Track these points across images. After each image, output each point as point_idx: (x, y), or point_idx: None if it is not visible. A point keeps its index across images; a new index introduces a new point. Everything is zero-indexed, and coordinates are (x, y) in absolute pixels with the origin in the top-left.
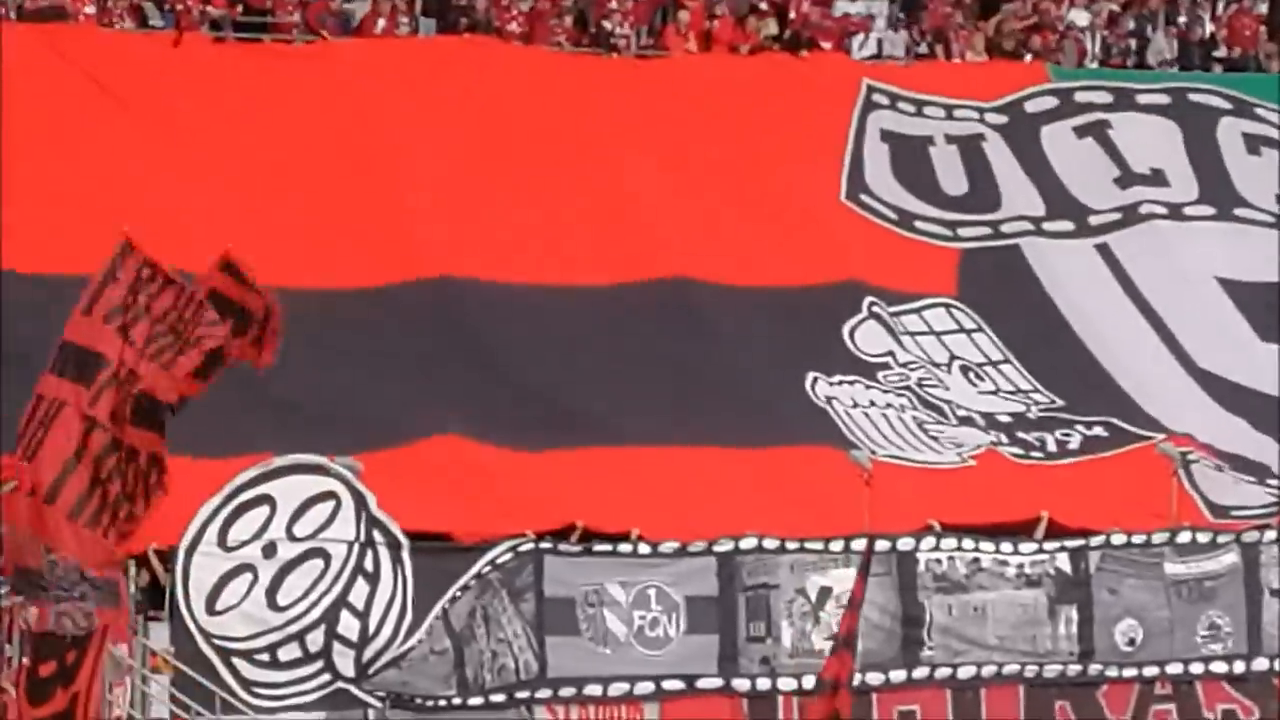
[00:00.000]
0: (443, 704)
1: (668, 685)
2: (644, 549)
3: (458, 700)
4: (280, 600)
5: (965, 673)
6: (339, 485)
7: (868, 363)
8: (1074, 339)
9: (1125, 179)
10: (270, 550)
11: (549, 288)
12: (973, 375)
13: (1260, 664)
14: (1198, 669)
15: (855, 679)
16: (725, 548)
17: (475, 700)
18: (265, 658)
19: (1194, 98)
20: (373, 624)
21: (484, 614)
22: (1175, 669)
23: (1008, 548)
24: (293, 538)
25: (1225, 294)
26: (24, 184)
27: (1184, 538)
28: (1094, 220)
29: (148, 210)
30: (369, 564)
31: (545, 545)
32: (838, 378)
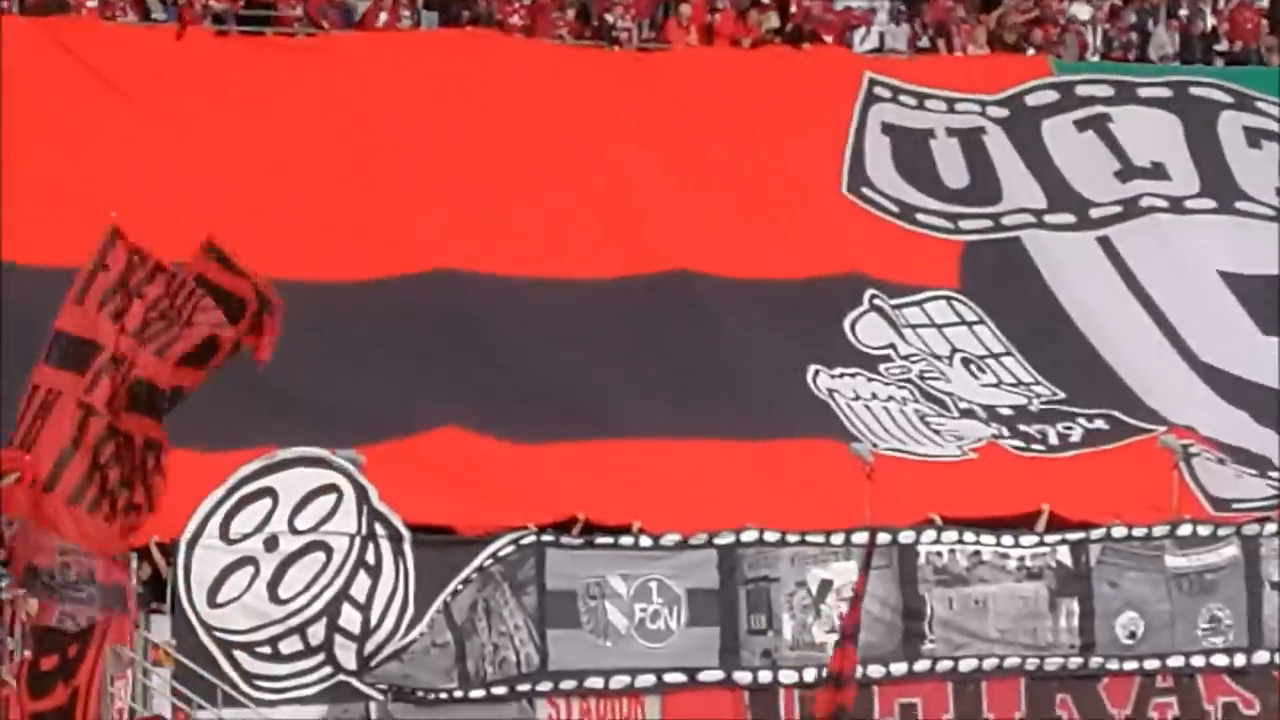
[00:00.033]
0: (444, 697)
1: (669, 678)
2: (645, 542)
3: (459, 693)
4: (282, 593)
5: (966, 666)
6: (341, 478)
7: (869, 355)
8: (1075, 332)
9: (1126, 172)
10: (272, 543)
11: (550, 281)
12: (974, 368)
13: (1261, 657)
14: (1199, 662)
15: (857, 672)
16: (726, 540)
17: (477, 693)
18: (267, 650)
19: (1195, 91)
20: (374, 617)
21: (485, 607)
22: (1176, 662)
23: (1009, 541)
24: (294, 531)
25: (1226, 287)
26: (25, 176)
27: (1185, 530)
28: (1095, 213)
29: (149, 202)
30: (370, 557)
31: (547, 538)
32: (839, 370)
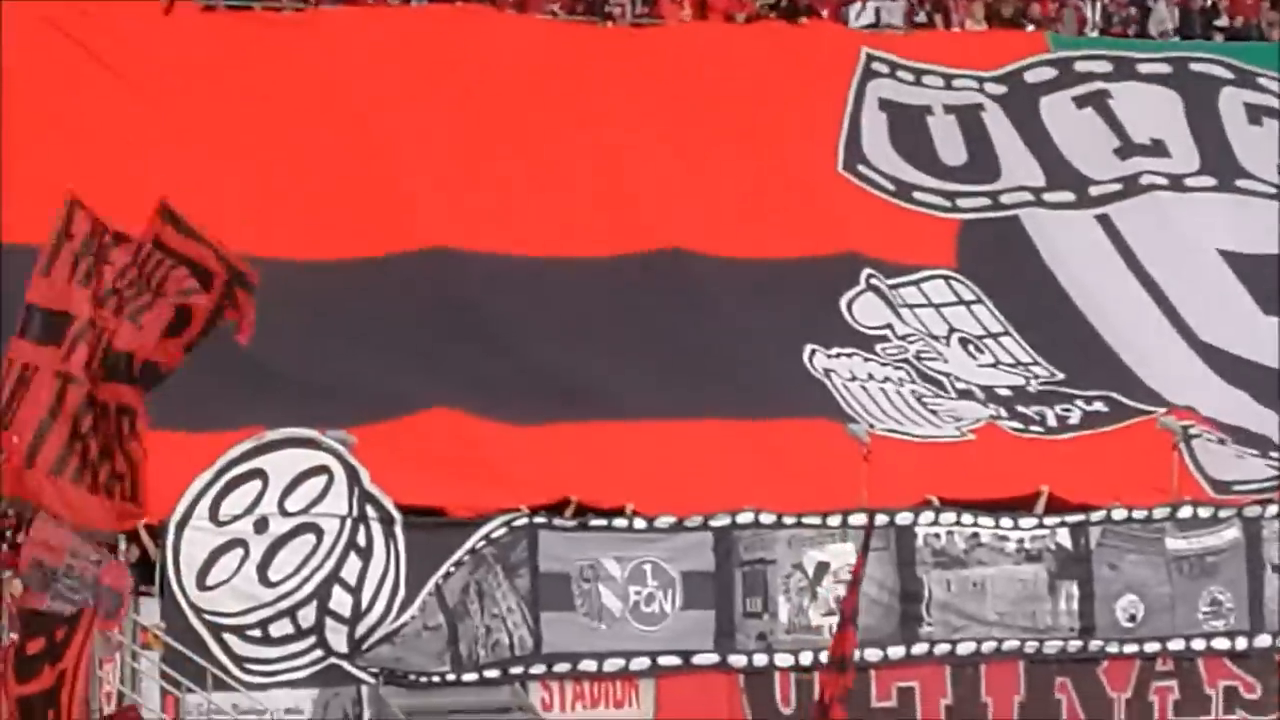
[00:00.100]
0: (436, 680)
1: (664, 661)
2: (639, 524)
3: (451, 676)
4: (272, 576)
5: (965, 649)
6: (331, 459)
7: (866, 335)
8: (1074, 311)
9: (1126, 149)
10: (262, 525)
11: (544, 259)
12: (972, 348)
13: (1262, 640)
14: (1199, 645)
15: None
16: (722, 522)
17: (469, 676)
18: (257, 633)
19: (1195, 67)
20: (365, 599)
21: (478, 589)
22: (1177, 645)
23: (1007, 523)
24: (285, 513)
25: (1227, 266)
26: (17, 155)
27: (1185, 513)
28: (1094, 191)
29: (138, 180)
30: (362, 539)
31: (540, 520)
32: (835, 350)
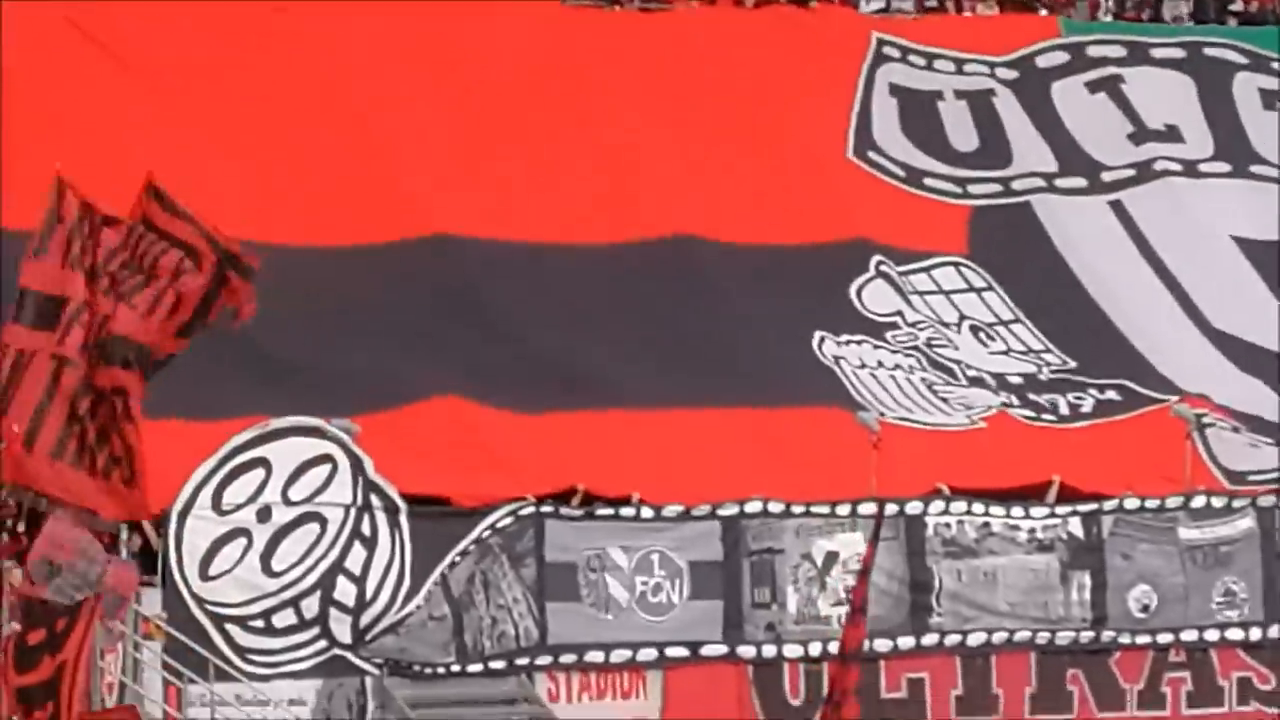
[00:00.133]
0: (441, 671)
1: (671, 652)
2: (646, 513)
3: (457, 667)
4: (275, 565)
5: (975, 640)
6: (335, 448)
7: (876, 322)
8: (1086, 298)
9: (1139, 135)
10: (265, 514)
11: (549, 246)
12: (983, 335)
13: (1277, 631)
14: (1213, 636)
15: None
16: (729, 512)
17: (474, 667)
18: (260, 624)
19: (1209, 52)
20: (370, 590)
21: (483, 579)
22: (1190, 636)
23: (1019, 512)
24: (288, 502)
25: (1241, 253)
26: (18, 141)
27: (1199, 502)
28: (1107, 177)
29: (139, 166)
30: (366, 528)
31: (546, 509)
32: (845, 337)
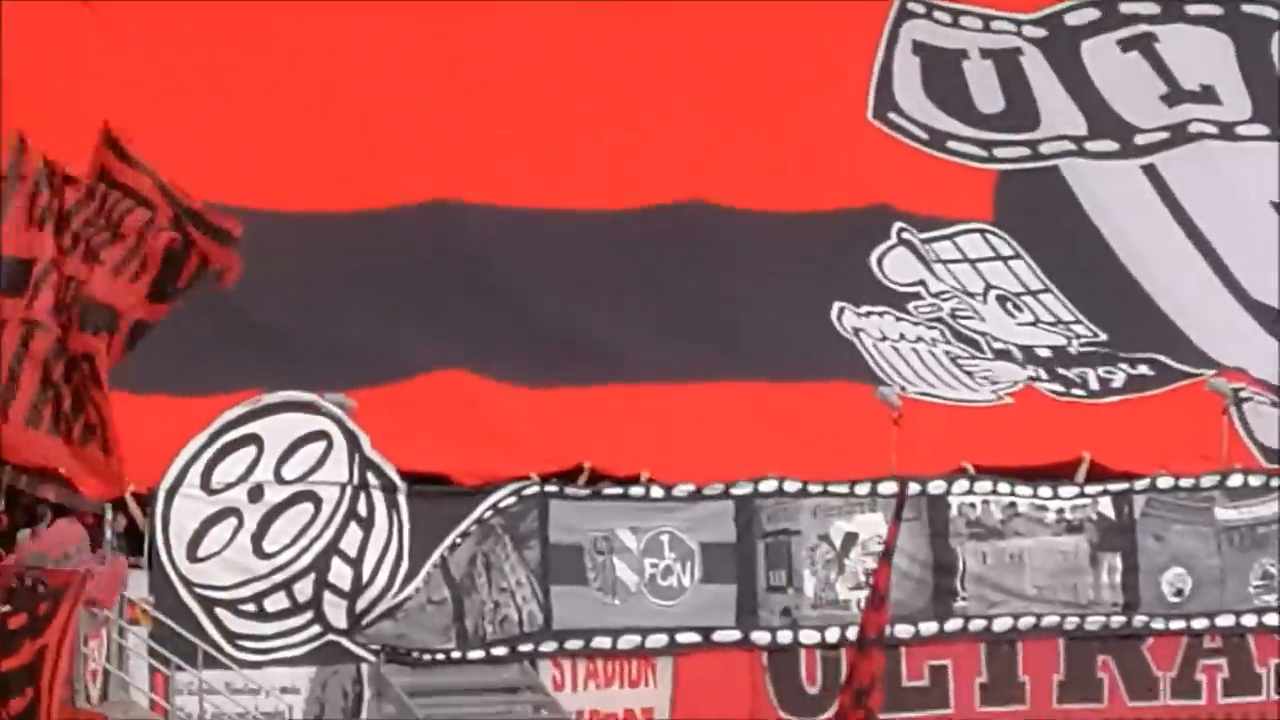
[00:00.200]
0: (441, 657)
1: (682, 638)
2: (656, 492)
3: (457, 654)
4: (267, 547)
5: (1001, 625)
6: (330, 424)
7: (897, 292)
8: (1118, 267)
9: (1173, 96)
10: (257, 493)
11: (555, 212)
12: (1010, 305)
13: None
14: (1250, 621)
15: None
16: (743, 491)
17: (476, 653)
18: (251, 608)
19: (1247, 8)
20: (366, 572)
21: (485, 562)
22: (1226, 621)
23: (1046, 491)
24: (281, 480)
25: (1279, 219)
26: (13, 108)
27: (1235, 481)
28: (1140, 140)
29: (133, 131)
30: (362, 508)
31: (551, 488)
32: (865, 308)
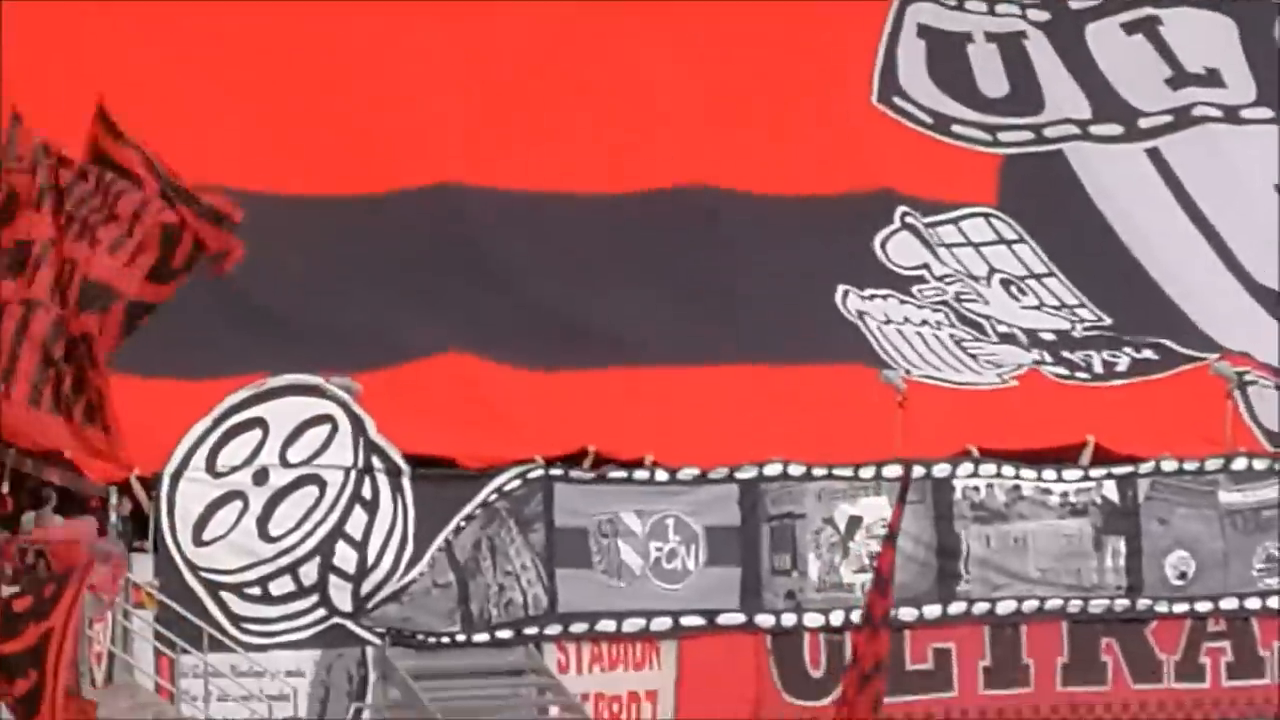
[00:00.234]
0: (445, 641)
1: (686, 621)
2: (661, 476)
3: (462, 637)
4: (272, 530)
5: (1005, 608)
6: (335, 408)
7: (901, 276)
8: (1122, 251)
9: (1177, 79)
10: (262, 476)
11: (560, 195)
12: (1014, 289)
13: None
14: (1254, 604)
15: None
16: (748, 474)
17: (480, 637)
18: (256, 591)
19: None
20: (371, 555)
21: (490, 545)
22: (1230, 604)
23: (1051, 475)
24: (286, 463)
25: None
26: (11, 87)
27: (1239, 464)
28: (1144, 123)
29: (134, 114)
30: (367, 491)
31: (556, 472)
32: (869, 291)
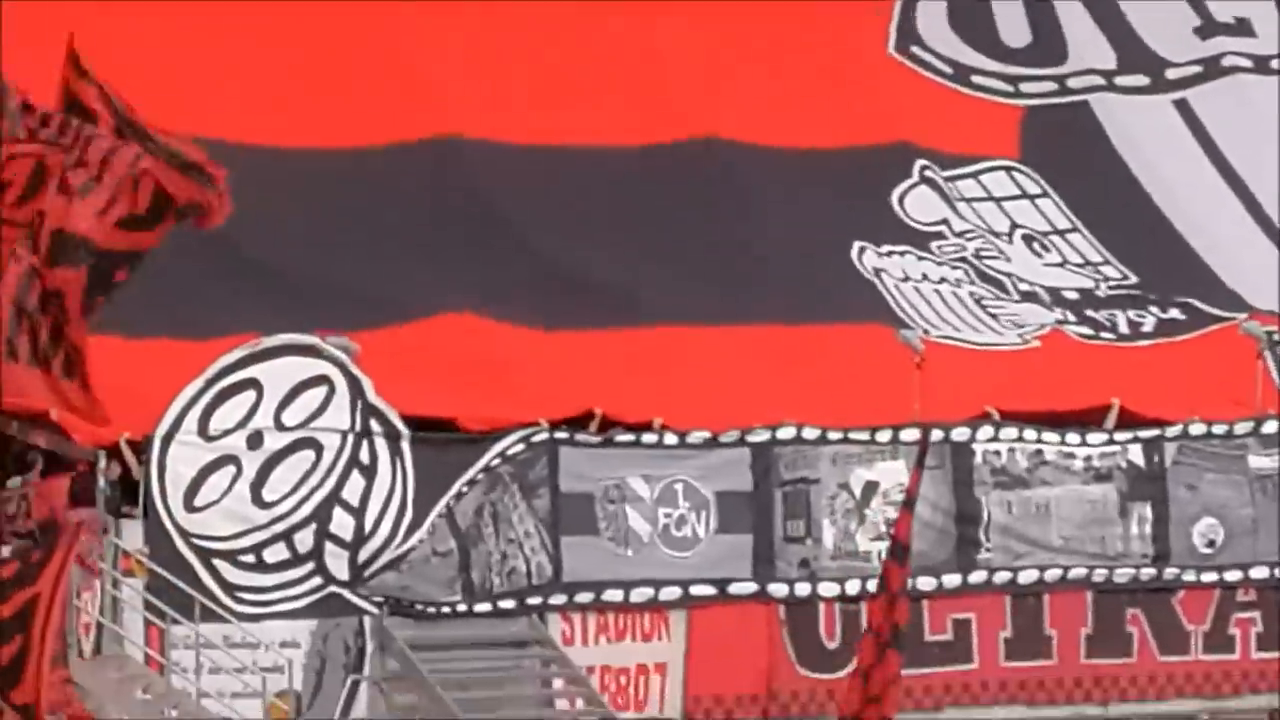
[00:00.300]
0: (446, 610)
1: (696, 590)
2: (670, 439)
3: (463, 606)
4: (267, 495)
5: (1026, 577)
6: (332, 368)
7: (919, 232)
8: (1149, 205)
9: (1206, 28)
10: (256, 440)
11: (566, 149)
12: (1037, 245)
13: None
14: None
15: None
16: (760, 438)
17: (482, 606)
18: (250, 559)
19: None
20: (369, 522)
21: (493, 511)
22: (1260, 573)
23: (1074, 439)
24: (281, 426)
25: None
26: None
27: (1270, 428)
28: (1171, 74)
29: (130, 67)
30: (365, 455)
31: (561, 435)
32: (886, 248)
